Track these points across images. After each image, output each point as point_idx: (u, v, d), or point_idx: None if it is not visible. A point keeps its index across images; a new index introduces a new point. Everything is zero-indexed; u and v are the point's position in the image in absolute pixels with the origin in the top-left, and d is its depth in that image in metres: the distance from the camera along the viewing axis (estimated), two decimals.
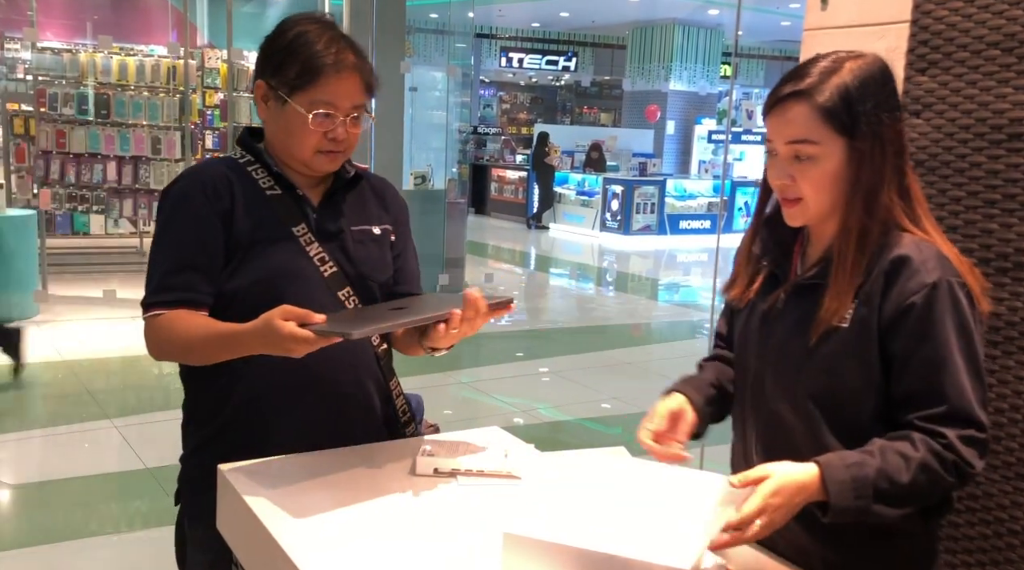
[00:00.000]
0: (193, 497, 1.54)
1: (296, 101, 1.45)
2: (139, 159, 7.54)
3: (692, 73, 17.19)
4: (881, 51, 1.74)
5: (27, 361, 4.98)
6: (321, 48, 1.45)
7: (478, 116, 20.32)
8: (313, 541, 1.17)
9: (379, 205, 1.63)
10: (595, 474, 1.28)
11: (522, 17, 17.98)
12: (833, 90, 1.21)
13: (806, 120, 1.22)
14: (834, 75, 1.22)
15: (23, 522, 3.41)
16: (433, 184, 8.32)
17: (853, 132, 1.22)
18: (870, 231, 1.23)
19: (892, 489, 1.15)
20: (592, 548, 1.04)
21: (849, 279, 1.23)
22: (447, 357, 1.62)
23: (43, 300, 6.60)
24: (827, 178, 1.24)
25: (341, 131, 1.48)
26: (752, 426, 1.38)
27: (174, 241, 1.45)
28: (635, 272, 11.34)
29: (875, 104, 1.22)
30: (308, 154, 1.48)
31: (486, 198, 15.98)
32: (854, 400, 1.24)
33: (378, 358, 1.57)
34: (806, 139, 1.23)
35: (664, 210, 13.19)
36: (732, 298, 1.43)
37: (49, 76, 7.46)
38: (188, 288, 1.43)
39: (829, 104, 1.21)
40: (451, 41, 10.03)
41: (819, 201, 1.26)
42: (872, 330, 1.22)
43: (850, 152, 1.23)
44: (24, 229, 6.32)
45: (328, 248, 1.51)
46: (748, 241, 1.42)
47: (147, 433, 4.16)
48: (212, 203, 1.45)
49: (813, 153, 1.23)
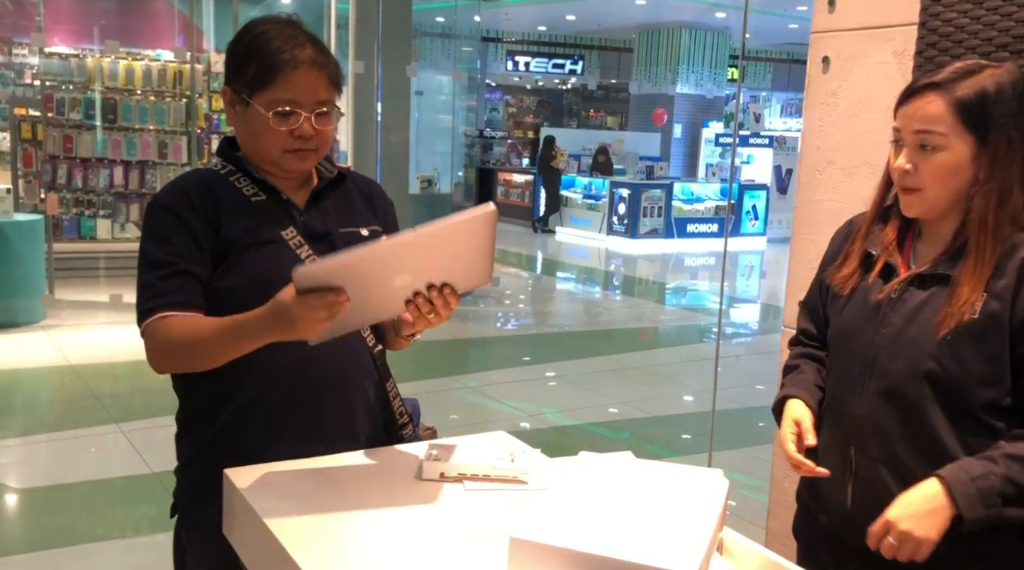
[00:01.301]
0: (190, 510, 1.51)
1: (257, 102, 1.43)
2: (145, 163, 7.57)
3: (699, 76, 17.18)
4: (889, 53, 1.74)
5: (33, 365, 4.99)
6: (278, 45, 1.42)
7: (484, 120, 20.34)
8: (319, 546, 1.16)
9: (366, 206, 1.60)
10: (601, 478, 1.27)
11: (528, 20, 18.00)
12: (970, 88, 1.27)
13: (938, 111, 1.27)
14: (972, 76, 1.28)
15: (30, 527, 3.42)
16: (439, 188, 8.33)
17: (984, 133, 1.27)
18: (1003, 227, 1.28)
19: (1020, 493, 1.21)
20: (598, 553, 1.04)
21: (985, 271, 1.27)
22: (454, 361, 1.62)
23: (50, 304, 6.62)
24: (948, 169, 1.29)
25: (307, 127, 1.44)
26: (855, 412, 1.39)
27: (163, 251, 1.42)
28: (642, 276, 11.33)
29: (1012, 111, 1.27)
30: (276, 154, 1.45)
31: (492, 202, 15.95)
32: (973, 390, 1.28)
33: (374, 358, 1.56)
34: (934, 129, 1.28)
35: (671, 214, 13.17)
36: (838, 281, 1.45)
37: (56, 81, 7.50)
38: (182, 291, 1.40)
39: (964, 99, 1.26)
40: (457, 45, 10.03)
41: (937, 193, 1.30)
42: (1004, 325, 1.26)
43: (978, 150, 1.28)
44: (32, 234, 6.34)
45: (318, 249, 1.47)
46: (865, 228, 1.45)
47: (153, 438, 4.16)
48: (197, 212, 1.43)
49: (939, 143, 1.28)
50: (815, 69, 1.93)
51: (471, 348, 6.65)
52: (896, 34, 1.72)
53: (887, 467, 1.35)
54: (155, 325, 1.39)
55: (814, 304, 1.55)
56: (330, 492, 1.32)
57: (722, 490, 1.24)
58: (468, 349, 6.57)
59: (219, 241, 1.43)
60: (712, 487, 1.25)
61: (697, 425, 4.81)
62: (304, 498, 1.29)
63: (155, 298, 1.40)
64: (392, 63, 7.18)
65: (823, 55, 1.90)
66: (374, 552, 1.16)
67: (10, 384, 5.12)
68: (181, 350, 1.39)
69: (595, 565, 1.03)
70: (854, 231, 1.47)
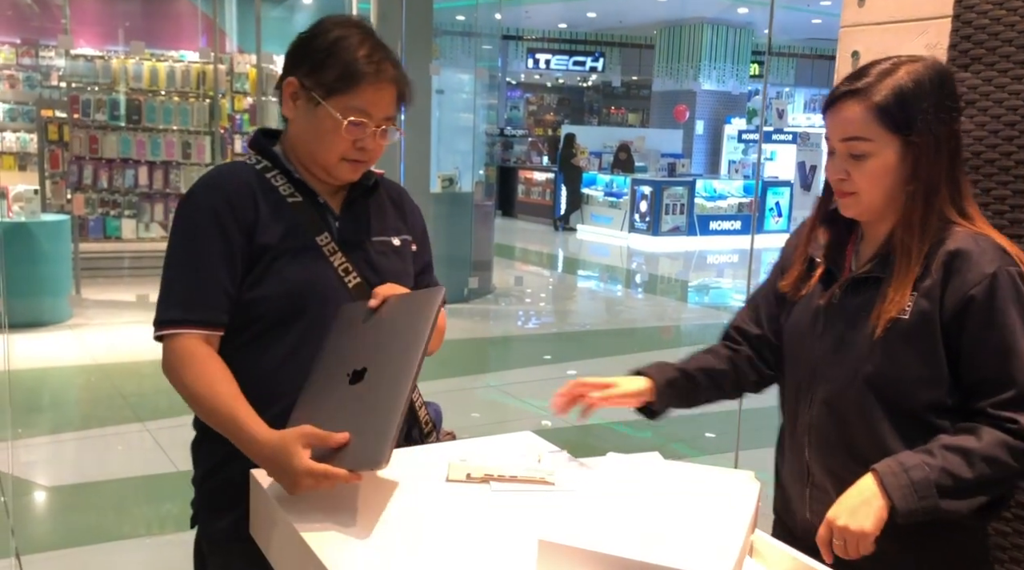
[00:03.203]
0: (211, 521, 1.49)
1: (331, 105, 1.41)
2: (170, 164, 7.64)
3: (721, 72, 17.06)
4: (921, 47, 1.70)
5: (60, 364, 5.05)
6: (364, 55, 1.41)
7: (505, 118, 20.33)
8: (347, 548, 1.15)
9: (397, 215, 1.59)
10: (630, 479, 1.25)
11: (549, 18, 17.96)
12: (888, 90, 1.26)
13: (859, 118, 1.28)
14: (889, 76, 1.27)
15: (57, 524, 3.45)
16: (460, 187, 8.32)
17: (907, 131, 1.26)
18: (929, 224, 1.28)
19: (956, 485, 1.20)
20: (629, 556, 1.02)
21: (911, 271, 1.27)
22: (475, 360, 1.61)
23: (76, 304, 6.70)
24: (879, 173, 1.29)
25: (371, 142, 1.44)
26: (805, 418, 1.40)
27: (195, 254, 1.39)
28: (664, 274, 11.27)
29: (931, 105, 1.26)
30: (334, 160, 1.44)
31: (513, 200, 15.97)
32: (913, 390, 1.28)
33: None
34: (859, 137, 1.28)
35: (694, 211, 13.09)
36: (786, 288, 1.45)
37: (82, 83, 7.58)
38: (203, 306, 1.38)
39: (883, 103, 1.26)
40: (477, 43, 10.02)
41: (872, 195, 1.30)
42: (935, 323, 1.26)
43: (904, 149, 1.27)
44: (58, 234, 6.42)
45: (352, 258, 1.46)
46: (807, 234, 1.45)
47: (179, 436, 4.18)
48: (234, 215, 1.40)
49: (866, 150, 1.28)
50: (844, 64, 1.90)
51: (492, 347, 6.64)
52: (929, 27, 1.69)
53: (836, 475, 1.34)
54: (170, 343, 1.38)
55: (758, 304, 1.54)
56: (356, 492, 1.32)
57: (753, 492, 1.22)
58: (489, 348, 6.56)
59: (253, 247, 1.41)
60: (743, 489, 1.23)
61: (720, 424, 4.76)
62: (330, 498, 1.29)
63: (174, 309, 1.38)
64: (414, 62, 7.17)
65: (852, 50, 1.86)
66: (400, 553, 1.15)
67: (38, 383, 5.18)
68: (180, 388, 1.38)
69: (625, 568, 1.02)
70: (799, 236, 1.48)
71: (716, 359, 1.53)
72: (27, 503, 3.57)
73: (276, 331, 1.42)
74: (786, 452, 1.45)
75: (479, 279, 8.11)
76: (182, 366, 1.36)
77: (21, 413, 4.51)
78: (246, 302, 1.41)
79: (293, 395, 1.37)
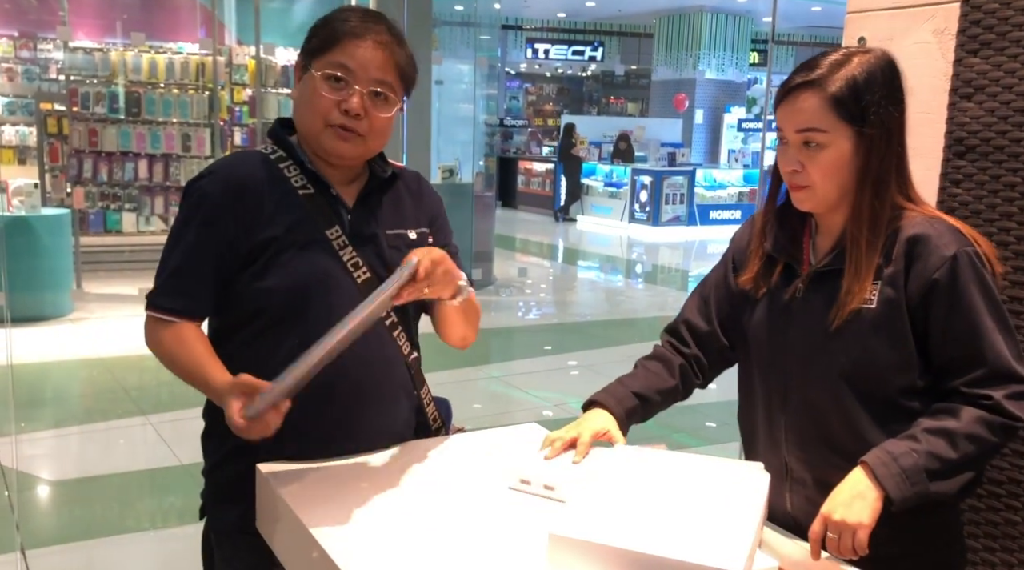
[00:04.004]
0: (218, 512, 1.49)
1: (314, 67, 1.39)
2: (169, 156, 7.61)
3: (721, 61, 16.99)
4: (929, 32, 1.69)
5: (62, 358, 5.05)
6: (347, 14, 1.41)
7: (504, 108, 20.27)
8: (354, 541, 1.15)
9: (415, 205, 1.55)
10: (639, 472, 1.24)
11: (548, 7, 17.89)
12: (842, 81, 1.27)
13: (816, 109, 1.28)
14: (843, 67, 1.29)
15: (61, 518, 3.45)
16: (461, 178, 8.29)
17: (860, 122, 1.27)
18: (880, 215, 1.29)
19: (943, 467, 1.21)
20: (640, 549, 1.01)
21: (865, 261, 1.29)
22: (477, 351, 1.59)
23: (77, 297, 6.69)
24: (834, 165, 1.29)
25: (356, 102, 1.37)
26: (780, 417, 1.39)
27: (188, 241, 1.40)
28: (665, 264, 11.26)
29: (882, 96, 1.28)
30: (319, 126, 1.39)
31: (513, 191, 15.94)
32: (886, 377, 1.29)
33: (408, 368, 1.51)
34: (815, 127, 1.28)
35: (694, 200, 13.06)
36: (746, 284, 1.44)
37: (81, 75, 7.54)
38: (189, 296, 1.40)
39: (838, 94, 1.27)
40: (476, 33, 9.96)
41: (826, 187, 1.31)
42: (901, 309, 1.27)
43: (857, 140, 1.28)
44: (59, 228, 6.40)
45: (362, 252, 1.43)
46: (760, 229, 1.45)
47: (181, 430, 4.19)
48: (233, 207, 1.38)
49: (822, 141, 1.28)
50: None
51: (494, 338, 6.63)
52: (937, 12, 1.67)
53: (816, 468, 1.35)
54: (152, 323, 1.42)
55: (708, 297, 1.53)
56: (363, 488, 1.31)
57: (763, 484, 1.22)
58: (491, 339, 6.55)
59: (254, 240, 1.39)
60: (753, 481, 1.22)
61: (721, 414, 4.76)
62: (337, 494, 1.28)
63: (164, 295, 1.41)
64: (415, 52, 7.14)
65: (859, 36, 1.84)
66: (410, 547, 1.14)
67: (39, 377, 5.18)
68: (161, 356, 1.42)
69: (637, 562, 1.01)
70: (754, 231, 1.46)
71: (667, 372, 1.51)
72: (31, 497, 3.57)
73: (282, 326, 1.41)
74: (760, 450, 1.44)
75: (481, 270, 8.10)
76: (154, 338, 1.42)
77: (24, 407, 4.51)
78: (250, 294, 1.40)
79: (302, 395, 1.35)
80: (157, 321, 1.41)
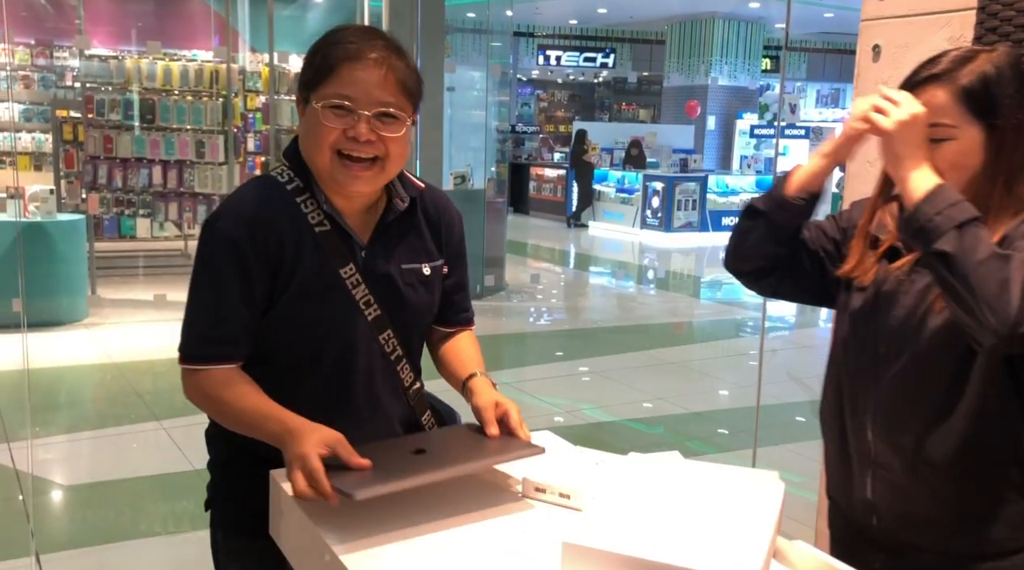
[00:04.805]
0: (224, 507, 1.50)
1: (314, 99, 1.32)
2: (183, 163, 7.66)
3: (733, 67, 16.97)
4: (944, 40, 1.68)
5: (77, 363, 5.08)
6: (343, 37, 1.32)
7: (516, 115, 20.30)
8: (367, 548, 1.15)
9: (433, 234, 1.49)
10: (652, 480, 1.24)
11: (560, 14, 17.91)
12: (972, 75, 1.25)
13: (944, 103, 1.26)
14: (971, 62, 1.27)
15: (75, 523, 3.47)
16: (472, 184, 8.31)
17: (992, 118, 1.25)
18: (1008, 208, 1.26)
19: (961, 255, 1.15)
20: (654, 558, 1.01)
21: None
22: (488, 357, 1.59)
23: (92, 303, 6.74)
24: (960, 159, 1.27)
25: (364, 129, 1.30)
26: (868, 400, 1.38)
27: (216, 290, 1.35)
28: (677, 270, 11.23)
29: (1014, 91, 1.26)
30: (327, 159, 1.33)
31: (525, 197, 15.95)
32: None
33: (408, 399, 1.51)
34: (943, 123, 1.26)
35: (706, 207, 13.03)
36: (847, 272, 1.42)
37: (96, 83, 7.60)
38: (231, 343, 1.36)
39: (969, 87, 1.25)
40: (488, 40, 10.00)
41: (952, 180, 1.26)
42: None
43: (988, 136, 1.26)
44: (74, 234, 6.45)
45: (375, 290, 1.40)
46: (869, 213, 1.42)
47: (194, 435, 4.17)
48: (257, 252, 1.34)
49: (949, 134, 1.26)
50: (865, 58, 1.88)
51: (505, 344, 6.63)
52: (952, 19, 1.66)
53: (904, 451, 1.33)
54: (195, 376, 1.37)
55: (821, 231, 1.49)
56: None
57: (778, 493, 1.21)
58: (502, 345, 6.55)
59: (275, 285, 1.36)
60: (768, 490, 1.21)
61: (735, 421, 4.74)
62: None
63: (200, 346, 1.37)
64: (428, 60, 7.17)
65: (873, 43, 1.84)
66: (422, 554, 1.14)
67: (55, 381, 5.21)
68: (206, 407, 1.39)
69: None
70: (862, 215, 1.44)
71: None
72: (45, 502, 3.59)
73: (296, 371, 1.41)
74: (848, 434, 1.42)
75: (492, 276, 8.11)
76: (207, 392, 1.37)
77: (39, 412, 4.54)
78: (267, 338, 1.39)
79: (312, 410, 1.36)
80: (199, 377, 1.36)
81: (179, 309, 1.42)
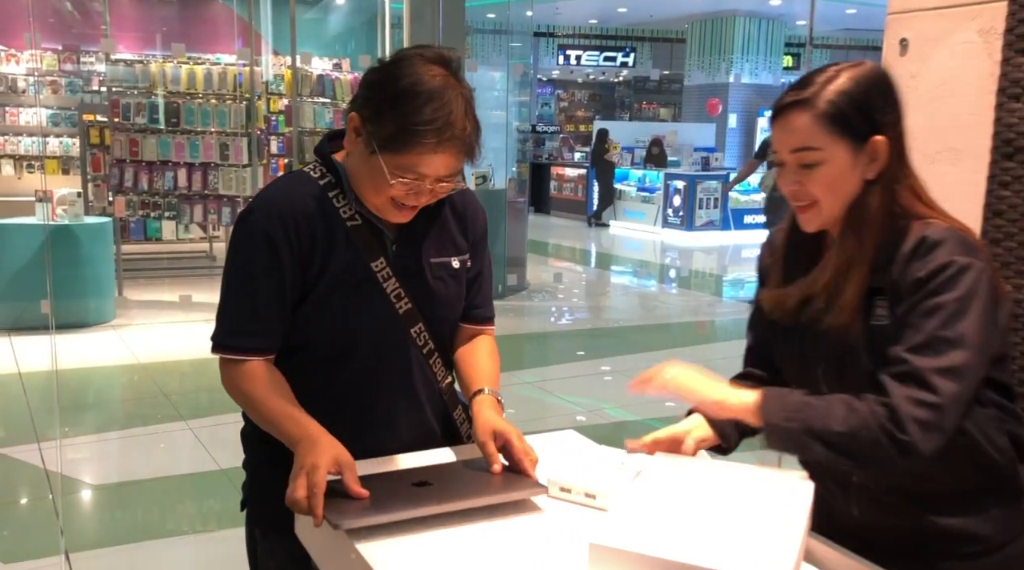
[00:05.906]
0: (261, 506, 1.52)
1: (384, 159, 1.33)
2: (208, 165, 7.73)
3: (754, 65, 16.84)
4: (975, 32, 1.65)
5: (105, 364, 5.14)
6: (426, 117, 1.29)
7: (536, 115, 20.28)
8: (392, 547, 1.15)
9: (459, 228, 1.53)
10: (680, 480, 1.23)
11: (579, 14, 17.88)
12: (833, 95, 1.25)
13: (807, 128, 1.26)
14: (833, 82, 1.26)
15: (104, 522, 3.51)
16: (494, 184, 8.32)
17: (857, 136, 1.25)
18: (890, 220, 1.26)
19: (826, 434, 1.20)
20: (683, 559, 1.00)
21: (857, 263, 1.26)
22: (510, 356, 1.60)
23: (119, 304, 6.82)
24: (834, 180, 1.27)
25: (425, 198, 1.37)
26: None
27: (249, 283, 1.39)
28: (699, 268, 11.16)
29: (883, 105, 1.27)
30: (381, 203, 1.38)
31: (546, 197, 15.93)
32: None
33: (442, 393, 1.53)
34: (808, 146, 1.26)
35: (728, 205, 12.94)
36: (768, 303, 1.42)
37: (122, 87, 7.69)
38: (263, 334, 1.39)
39: (830, 110, 1.25)
40: (508, 40, 10.00)
41: (831, 203, 1.28)
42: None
43: (855, 154, 1.26)
44: (101, 236, 6.53)
45: (405, 284, 1.43)
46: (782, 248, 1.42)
47: (220, 434, 4.24)
48: (290, 244, 1.37)
49: (816, 159, 1.27)
50: (892, 52, 1.85)
51: (527, 343, 6.63)
52: (983, 11, 1.63)
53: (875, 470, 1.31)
54: (232, 366, 1.40)
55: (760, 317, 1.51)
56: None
57: (808, 494, 1.20)
58: (524, 344, 6.55)
59: (307, 277, 1.39)
60: (797, 491, 1.20)
61: None
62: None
63: (236, 337, 1.39)
64: None
65: (901, 37, 1.82)
66: (447, 554, 1.14)
67: (83, 382, 5.28)
68: (238, 399, 1.41)
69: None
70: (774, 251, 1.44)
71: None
72: (74, 501, 3.63)
73: (331, 363, 1.43)
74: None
75: (515, 276, 8.11)
76: (238, 384, 1.39)
77: (67, 412, 4.60)
78: (299, 330, 1.41)
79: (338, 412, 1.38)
80: (236, 368, 1.39)
81: (204, 310, 1.45)
